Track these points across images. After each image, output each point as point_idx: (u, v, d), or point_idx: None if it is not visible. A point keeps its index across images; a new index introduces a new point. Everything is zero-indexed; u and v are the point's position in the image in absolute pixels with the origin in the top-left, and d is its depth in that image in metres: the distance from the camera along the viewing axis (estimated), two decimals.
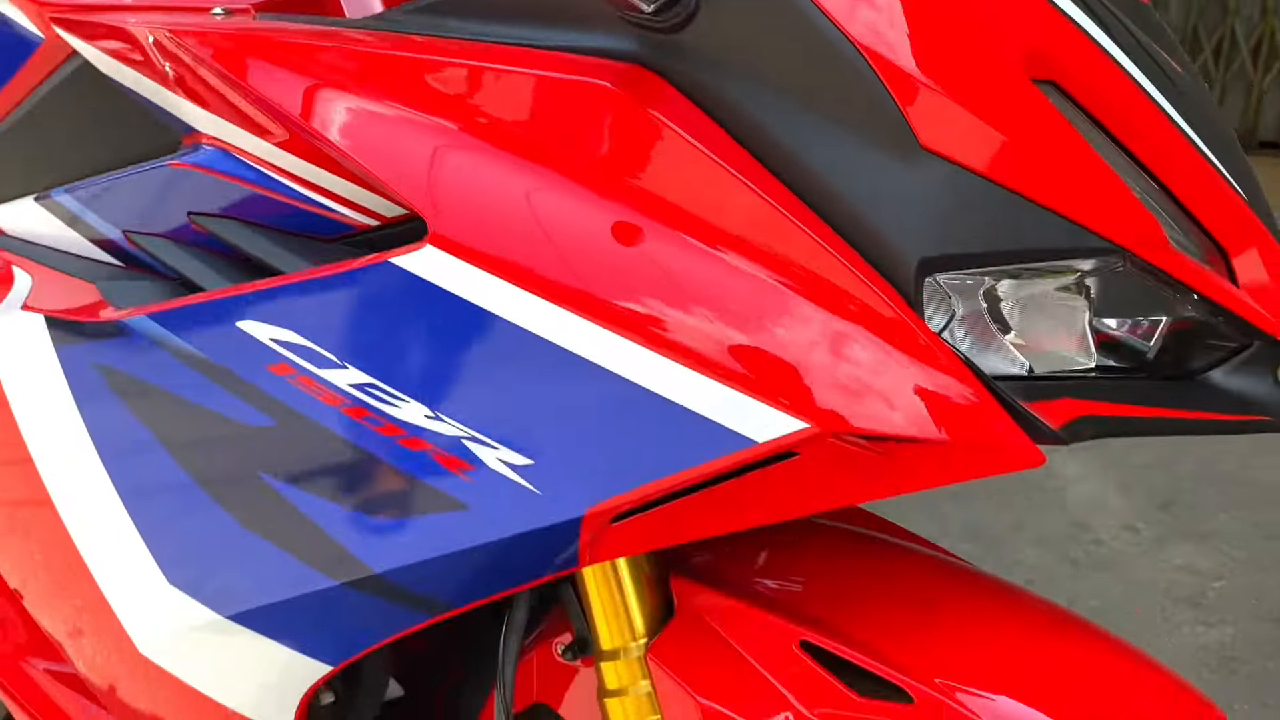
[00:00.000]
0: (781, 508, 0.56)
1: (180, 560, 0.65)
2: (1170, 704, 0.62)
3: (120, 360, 0.63)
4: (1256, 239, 0.60)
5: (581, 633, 0.72)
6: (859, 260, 0.51)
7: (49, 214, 0.77)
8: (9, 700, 0.83)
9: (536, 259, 0.53)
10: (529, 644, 0.80)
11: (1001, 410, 0.52)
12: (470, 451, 0.56)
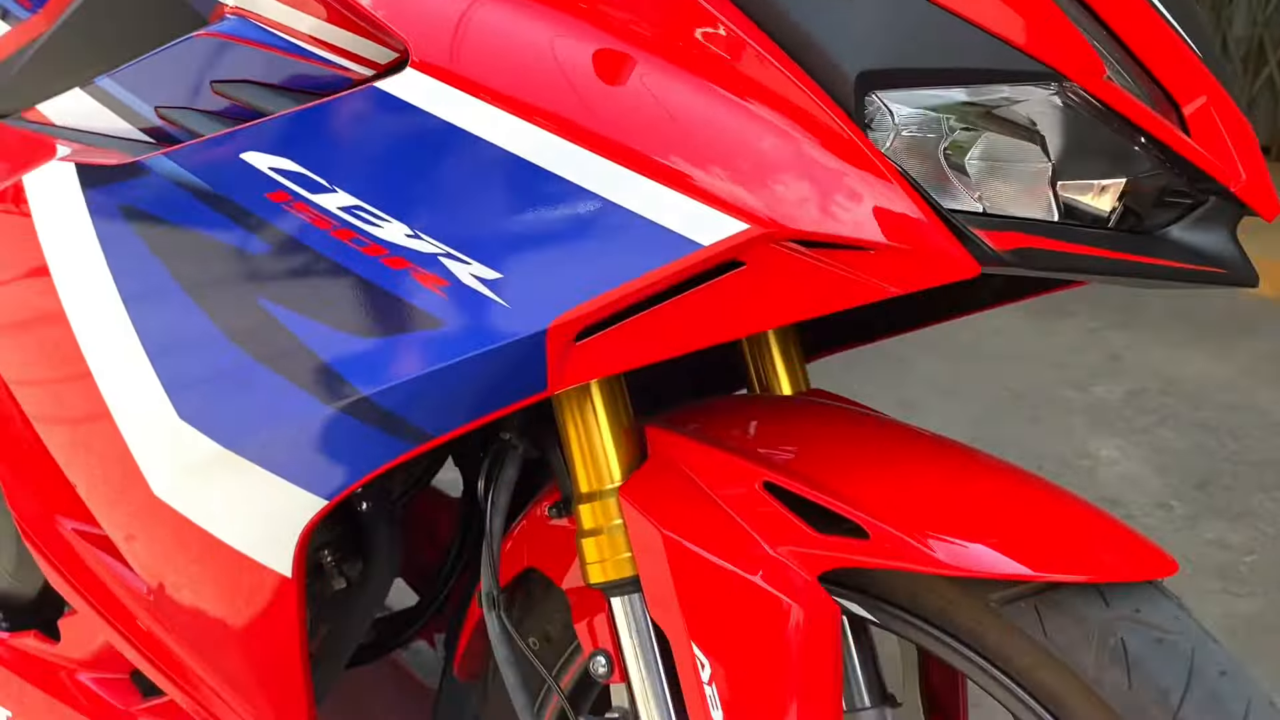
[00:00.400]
0: (735, 323, 0.59)
1: (189, 393, 0.71)
2: (1121, 548, 0.64)
3: (139, 199, 0.69)
4: (1206, 88, 0.62)
5: (567, 492, 0.76)
6: (804, 76, 0.55)
7: (93, 100, 0.83)
8: (40, 558, 0.88)
9: (508, 80, 0.57)
10: (521, 516, 0.83)
11: (940, 223, 0.55)
12: (446, 268, 0.60)
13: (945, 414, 2.10)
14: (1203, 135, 0.62)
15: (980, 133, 0.59)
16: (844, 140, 0.54)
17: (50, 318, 0.74)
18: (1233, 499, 1.78)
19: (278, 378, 0.66)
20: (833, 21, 0.54)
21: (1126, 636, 0.61)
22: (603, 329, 0.59)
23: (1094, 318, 2.56)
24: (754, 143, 0.54)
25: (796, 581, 0.64)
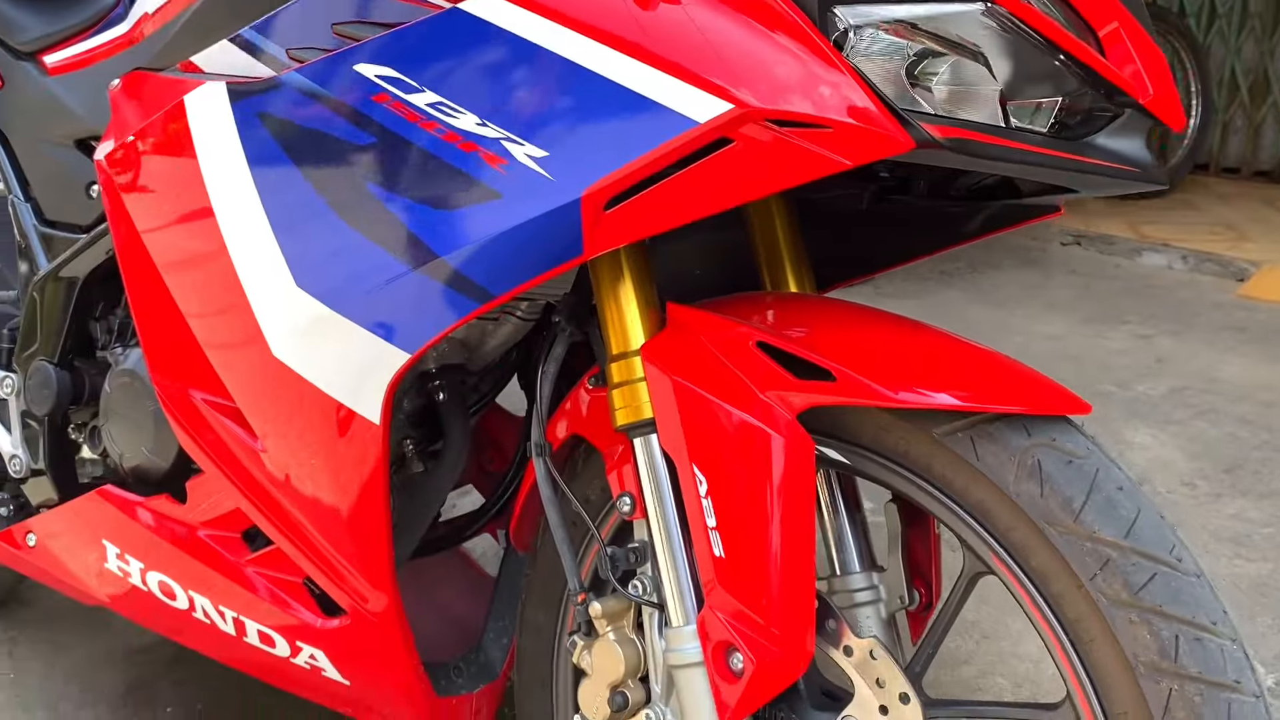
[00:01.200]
0: (730, 192, 0.74)
1: (305, 264, 0.89)
2: (1044, 391, 0.78)
3: (274, 106, 0.88)
4: (1118, 16, 0.77)
5: (603, 362, 0.92)
6: (794, 6, 0.71)
7: (237, 49, 1.03)
8: (177, 426, 1.07)
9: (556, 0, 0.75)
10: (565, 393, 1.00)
11: (884, 109, 0.70)
12: (505, 149, 0.77)
13: None
14: (1116, 56, 0.77)
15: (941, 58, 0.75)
16: (811, 44, 0.70)
17: (199, 209, 0.94)
18: (1258, 481, 1.86)
19: (375, 247, 0.84)
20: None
21: (1042, 458, 0.76)
22: (626, 199, 0.75)
23: (1146, 326, 2.65)
24: (741, 45, 0.71)
25: (779, 418, 0.79)
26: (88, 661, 1.63)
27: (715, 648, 0.82)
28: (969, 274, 3.14)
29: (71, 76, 1.30)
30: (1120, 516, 0.73)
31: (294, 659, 1.11)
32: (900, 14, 0.72)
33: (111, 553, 1.21)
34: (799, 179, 0.73)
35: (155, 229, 1.01)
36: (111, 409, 1.21)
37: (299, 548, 1.04)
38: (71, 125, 1.28)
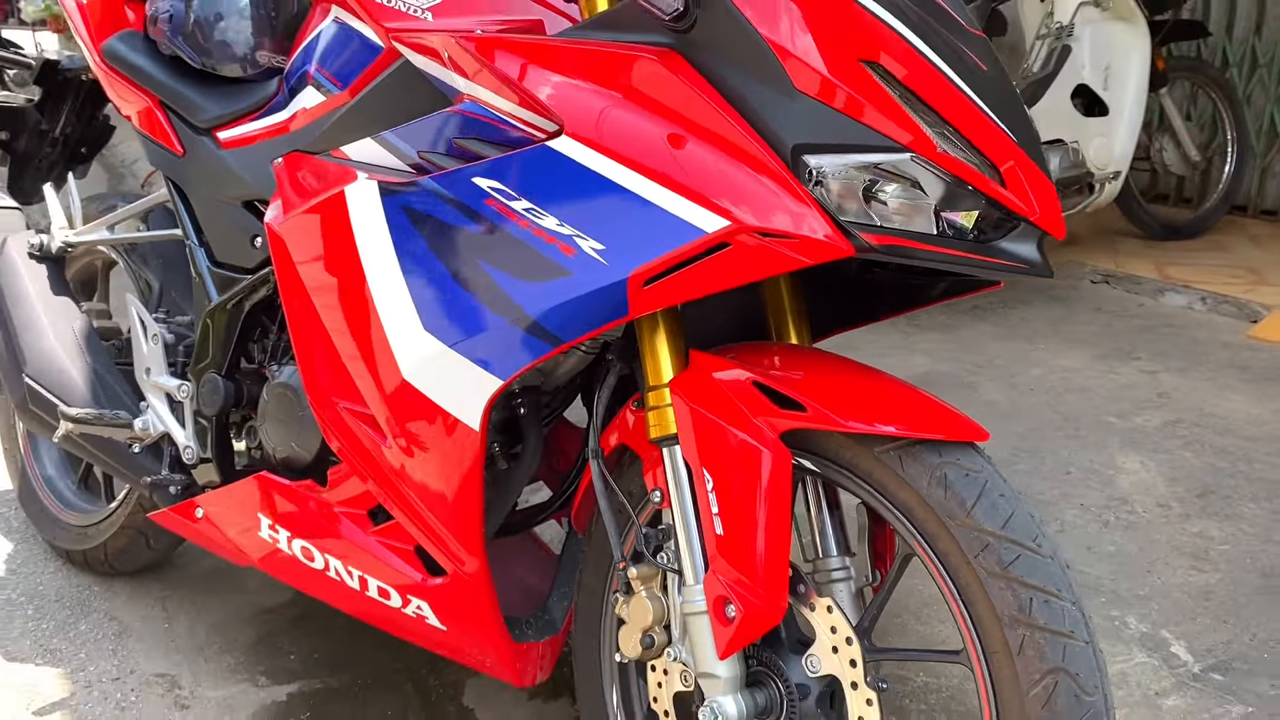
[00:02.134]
0: (728, 279, 1.06)
1: (430, 314, 1.22)
2: (954, 423, 1.08)
3: (413, 201, 1.22)
4: (1014, 157, 1.08)
5: (643, 390, 1.24)
6: (770, 151, 1.02)
7: (378, 145, 1.38)
8: (324, 427, 1.42)
9: (613, 141, 1.08)
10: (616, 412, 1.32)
11: (835, 228, 1.02)
12: (575, 242, 1.10)
13: (999, 429, 2.50)
14: (1013, 185, 1.08)
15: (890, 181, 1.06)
16: (784, 182, 1.02)
17: (353, 270, 1.28)
18: (1225, 505, 2.12)
19: (481, 304, 1.18)
20: (782, 118, 1.02)
21: (948, 471, 1.06)
22: (659, 279, 1.08)
23: (1155, 362, 2.90)
24: (738, 180, 1.03)
25: (766, 437, 1.11)
26: (225, 616, 2.00)
27: (715, 601, 1.14)
28: (1000, 309, 3.41)
29: (239, 150, 1.66)
30: (999, 514, 1.04)
31: (404, 609, 1.45)
32: (849, 161, 1.03)
33: (265, 524, 1.57)
34: (777, 271, 1.05)
35: (317, 282, 1.36)
36: (268, 412, 1.56)
37: (413, 522, 1.38)
38: (239, 189, 1.65)
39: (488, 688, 1.78)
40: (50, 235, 1.95)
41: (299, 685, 1.80)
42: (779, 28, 1.02)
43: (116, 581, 2.10)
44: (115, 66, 1.80)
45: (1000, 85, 1.11)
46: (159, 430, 1.73)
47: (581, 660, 1.43)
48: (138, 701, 1.75)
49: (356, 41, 1.45)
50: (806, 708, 1.18)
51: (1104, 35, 3.64)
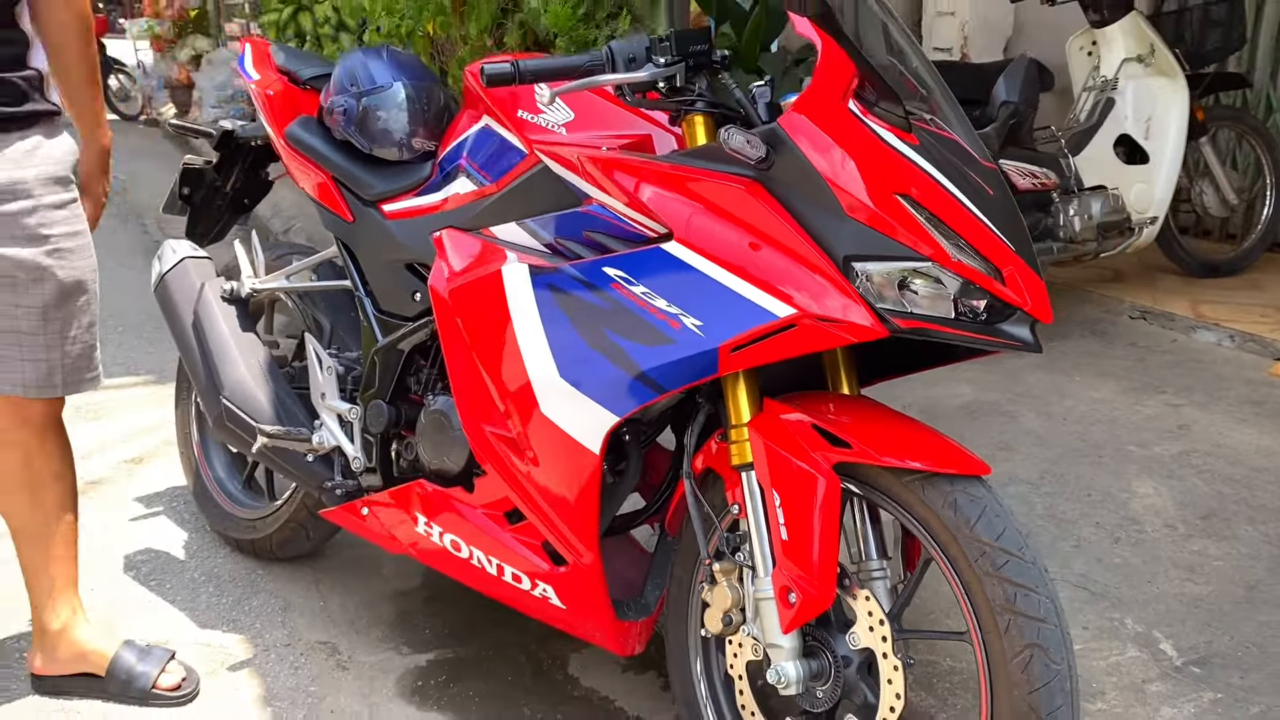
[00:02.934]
0: (795, 349, 1.43)
1: (566, 364, 1.61)
2: (965, 459, 1.44)
3: (555, 282, 1.61)
4: (1013, 263, 1.43)
5: (727, 426, 1.62)
6: (827, 259, 1.39)
7: (521, 230, 1.78)
8: (474, 445, 1.81)
9: (710, 245, 1.45)
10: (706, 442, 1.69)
11: (873, 315, 1.38)
12: (680, 319, 1.48)
13: (1030, 454, 2.83)
14: (1011, 285, 1.43)
15: (919, 278, 1.43)
16: (838, 282, 1.39)
17: (508, 329, 1.67)
18: (1224, 527, 2.44)
19: (606, 360, 1.56)
20: (836, 236, 1.39)
21: (958, 498, 1.42)
22: (743, 349, 1.45)
23: (1179, 396, 3.20)
24: (801, 277, 1.40)
25: (821, 467, 1.48)
26: (369, 596, 2.41)
27: (780, 590, 1.51)
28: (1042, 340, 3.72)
29: (401, 221, 2.06)
30: (994, 530, 1.40)
31: (533, 592, 1.84)
32: (886, 268, 1.40)
33: (421, 521, 1.97)
34: (831, 346, 1.43)
35: (474, 334, 1.75)
36: (424, 432, 1.97)
37: (542, 523, 1.76)
38: (401, 253, 2.05)
39: (588, 660, 2.16)
40: (240, 283, 2.38)
41: (435, 654, 2.20)
42: (835, 171, 1.40)
43: (276, 566, 2.52)
44: (296, 147, 2.23)
45: (1004, 207, 1.47)
46: (331, 444, 2.14)
47: (672, 636, 1.80)
48: (307, 664, 2.17)
49: (503, 146, 1.85)
50: (849, 674, 1.55)
51: (1146, 89, 3.93)
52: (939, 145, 1.46)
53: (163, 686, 2.05)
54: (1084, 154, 3.92)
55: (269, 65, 2.37)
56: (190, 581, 2.47)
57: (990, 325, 1.46)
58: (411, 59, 2.22)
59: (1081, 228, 3.75)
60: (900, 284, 1.42)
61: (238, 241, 2.45)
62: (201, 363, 2.28)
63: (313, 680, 2.11)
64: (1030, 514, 2.53)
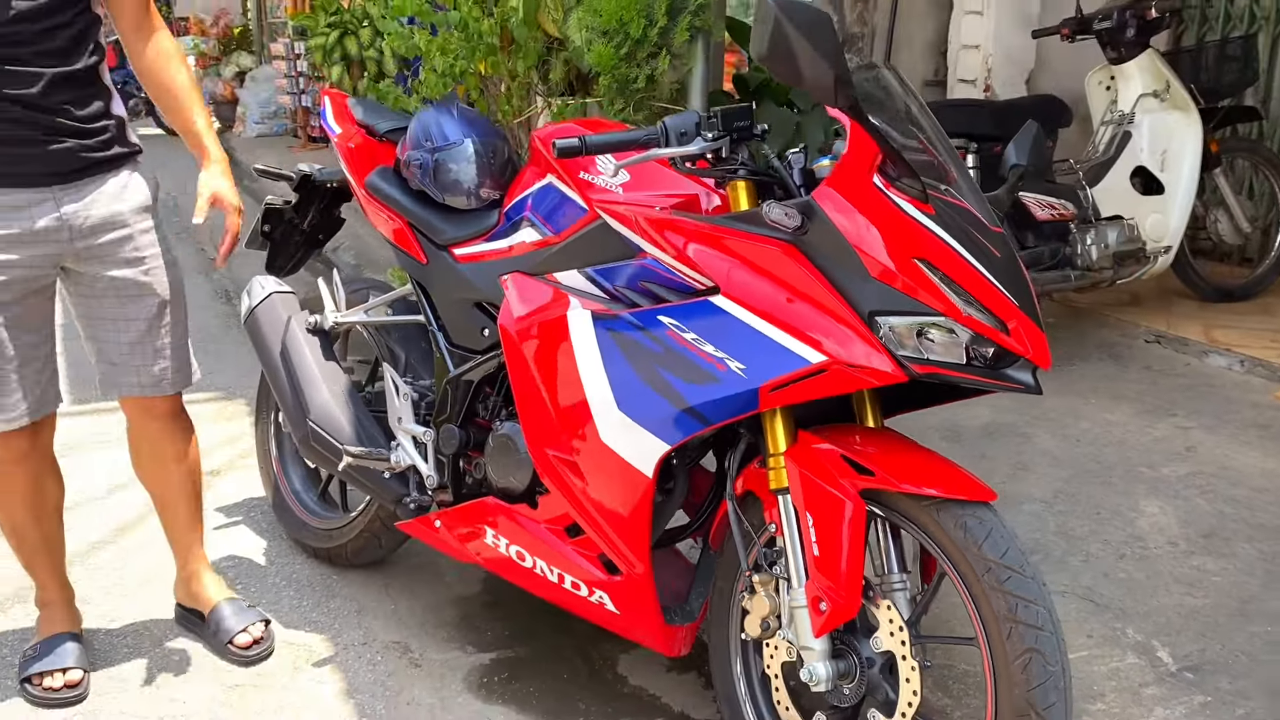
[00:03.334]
0: (827, 389, 1.65)
1: (624, 398, 1.83)
2: (975, 486, 1.65)
3: (616, 326, 1.84)
4: (1017, 318, 1.65)
5: (765, 454, 1.84)
6: (854, 313, 1.62)
7: (581, 277, 2.01)
8: (539, 467, 2.04)
9: (754, 299, 1.68)
10: (745, 468, 1.92)
11: (894, 361, 1.60)
12: (726, 361, 1.70)
13: (1046, 474, 3.03)
14: (1015, 336, 1.65)
15: (935, 329, 1.65)
16: (863, 334, 1.61)
17: (572, 366, 1.90)
18: (1224, 545, 2.63)
19: (659, 396, 1.78)
20: (861, 294, 1.61)
21: (967, 521, 1.64)
22: (781, 389, 1.67)
23: (1189, 419, 3.39)
24: (833, 331, 1.62)
25: (848, 492, 1.70)
26: (434, 600, 2.65)
27: (813, 599, 1.73)
28: (1062, 365, 3.91)
29: (471, 264, 2.30)
30: (998, 549, 1.61)
31: (590, 598, 2.07)
32: (905, 321, 1.62)
33: (489, 534, 2.20)
34: (857, 389, 1.65)
35: (540, 368, 1.98)
36: (492, 454, 2.20)
37: (599, 537, 1.99)
38: (471, 293, 2.29)
39: (636, 661, 2.39)
40: (323, 316, 2.63)
41: (497, 653, 2.43)
42: (861, 238, 1.62)
43: (350, 572, 2.76)
44: (375, 196, 2.47)
45: (1010, 267, 1.68)
46: (407, 463, 2.38)
47: (715, 639, 2.03)
48: (383, 662, 2.40)
49: (566, 202, 2.08)
50: (872, 674, 1.77)
51: (1162, 123, 4.12)
52: (953, 213, 1.68)
53: (237, 644, 2.38)
54: (1102, 185, 4.11)
55: (348, 118, 2.62)
56: (272, 586, 2.72)
57: (997, 370, 1.67)
58: (478, 116, 2.46)
59: (1098, 256, 3.94)
60: (919, 333, 1.64)
61: (321, 279, 2.70)
62: (289, 389, 2.53)
63: (389, 675, 2.34)
64: (1044, 531, 2.73)
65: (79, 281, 2.16)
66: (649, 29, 3.95)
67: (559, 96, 4.64)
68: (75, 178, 2.08)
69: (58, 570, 2.35)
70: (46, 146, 2.03)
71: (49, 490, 2.29)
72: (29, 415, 2.15)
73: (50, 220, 2.06)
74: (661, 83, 4.13)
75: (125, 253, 2.16)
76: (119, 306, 2.18)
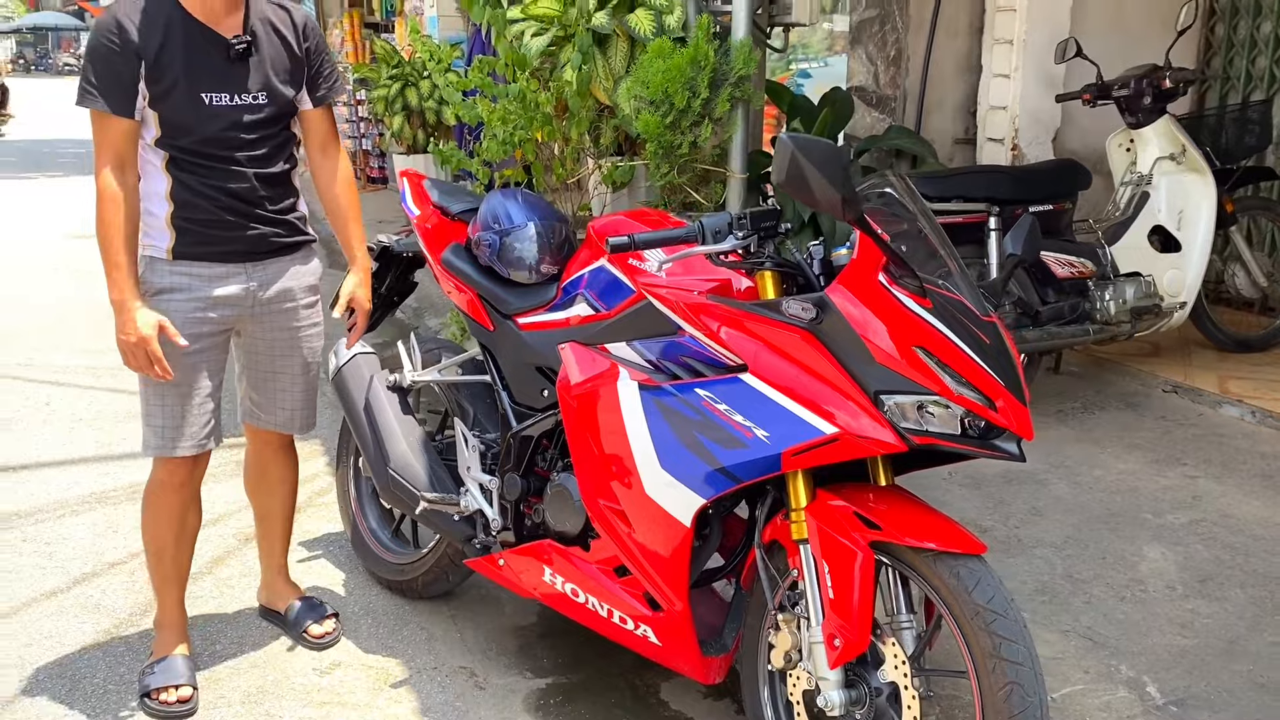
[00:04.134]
0: (838, 455, 1.93)
1: (665, 457, 2.12)
2: (968, 540, 1.93)
3: (660, 396, 2.13)
4: (1003, 396, 1.92)
5: (787, 509, 2.12)
6: (862, 392, 1.90)
7: (629, 349, 2.32)
8: (591, 515, 2.34)
9: (778, 378, 1.97)
10: (772, 520, 2.20)
11: (895, 433, 1.88)
12: (753, 429, 1.99)
13: (1057, 520, 3.27)
14: (1002, 412, 1.92)
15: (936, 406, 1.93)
16: (870, 410, 1.90)
17: (619, 425, 2.20)
18: (1218, 589, 2.86)
19: (695, 457, 2.08)
20: (867, 376, 1.90)
21: (960, 570, 1.91)
22: (801, 454, 1.96)
23: (1198, 468, 3.61)
24: (844, 407, 1.91)
25: (859, 544, 1.98)
26: (495, 629, 2.95)
27: (828, 636, 2.01)
28: (1080, 413, 4.15)
29: (533, 333, 2.61)
30: (986, 595, 1.88)
31: (635, 631, 2.36)
32: (906, 400, 1.90)
33: (547, 572, 2.50)
34: (866, 455, 1.93)
35: (594, 428, 2.28)
36: (550, 501, 2.50)
37: (644, 577, 2.28)
38: (533, 358, 2.60)
39: (675, 688, 2.67)
40: (401, 375, 2.96)
41: (552, 679, 2.72)
42: (867, 329, 1.91)
43: (419, 603, 3.07)
44: (449, 270, 2.80)
45: (998, 351, 1.96)
46: (474, 507, 2.69)
47: (745, 670, 2.30)
48: (451, 685, 2.70)
49: (616, 283, 2.39)
50: (880, 701, 2.04)
51: (1178, 185, 4.36)
52: (948, 305, 1.96)
53: (311, 634, 2.84)
54: (1121, 243, 4.35)
55: (425, 200, 2.96)
56: (351, 615, 3.03)
57: (987, 440, 1.95)
58: (540, 200, 2.78)
59: (1116, 311, 4.18)
60: (919, 408, 1.92)
61: (400, 341, 3.03)
62: (372, 440, 2.85)
63: (457, 698, 2.64)
64: (1052, 574, 2.97)
65: (249, 336, 2.65)
66: (692, 100, 4.27)
67: (609, 157, 4.98)
68: (264, 257, 2.57)
69: (180, 595, 2.70)
70: (246, 232, 2.51)
71: (191, 520, 2.68)
72: (198, 447, 2.56)
73: (240, 289, 2.54)
74: (704, 147, 4.45)
75: (291, 321, 2.66)
76: (275, 360, 2.68)
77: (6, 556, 3.32)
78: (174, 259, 2.47)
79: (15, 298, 6.71)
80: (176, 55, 2.36)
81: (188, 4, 2.37)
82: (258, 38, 2.46)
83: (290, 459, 2.87)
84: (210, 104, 2.40)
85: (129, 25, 2.32)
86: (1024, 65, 5.05)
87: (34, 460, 4.10)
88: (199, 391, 2.54)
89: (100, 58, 2.32)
